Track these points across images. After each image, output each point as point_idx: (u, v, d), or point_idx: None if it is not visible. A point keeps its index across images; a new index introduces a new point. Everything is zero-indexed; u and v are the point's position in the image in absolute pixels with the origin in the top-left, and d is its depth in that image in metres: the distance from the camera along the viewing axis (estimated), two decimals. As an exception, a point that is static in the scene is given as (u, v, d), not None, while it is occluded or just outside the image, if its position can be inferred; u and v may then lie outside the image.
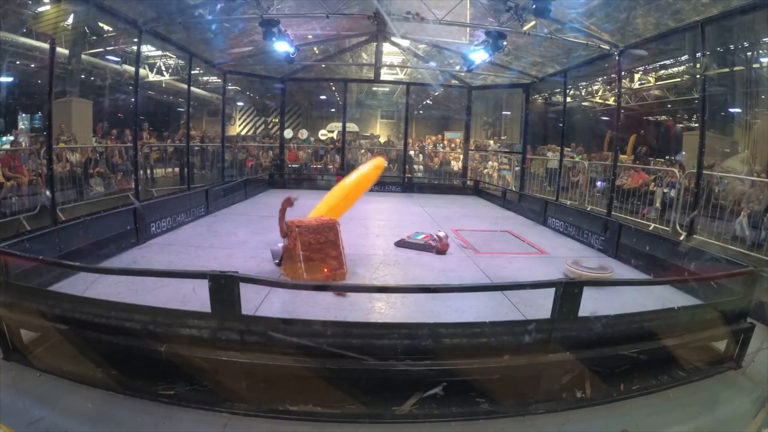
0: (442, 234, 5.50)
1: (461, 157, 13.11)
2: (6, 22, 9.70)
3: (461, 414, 2.30)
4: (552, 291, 2.46)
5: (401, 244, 5.61)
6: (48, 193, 5.49)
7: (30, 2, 9.99)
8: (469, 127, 13.64)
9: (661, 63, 12.56)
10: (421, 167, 14.53)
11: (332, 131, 18.41)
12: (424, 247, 5.40)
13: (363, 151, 15.31)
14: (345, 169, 12.27)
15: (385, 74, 13.62)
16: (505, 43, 7.38)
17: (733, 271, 3.33)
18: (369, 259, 5.03)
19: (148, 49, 13.24)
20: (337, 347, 2.25)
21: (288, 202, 4.32)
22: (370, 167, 5.30)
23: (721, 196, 7.27)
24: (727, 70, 10.43)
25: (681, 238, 6.10)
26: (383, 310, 3.58)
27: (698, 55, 8.05)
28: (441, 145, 16.58)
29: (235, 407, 2.26)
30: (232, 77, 12.73)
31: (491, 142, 18.18)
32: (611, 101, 14.59)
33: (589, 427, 2.31)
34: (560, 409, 2.39)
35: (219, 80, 12.97)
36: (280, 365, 2.26)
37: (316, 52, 11.15)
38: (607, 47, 7.36)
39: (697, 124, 12.00)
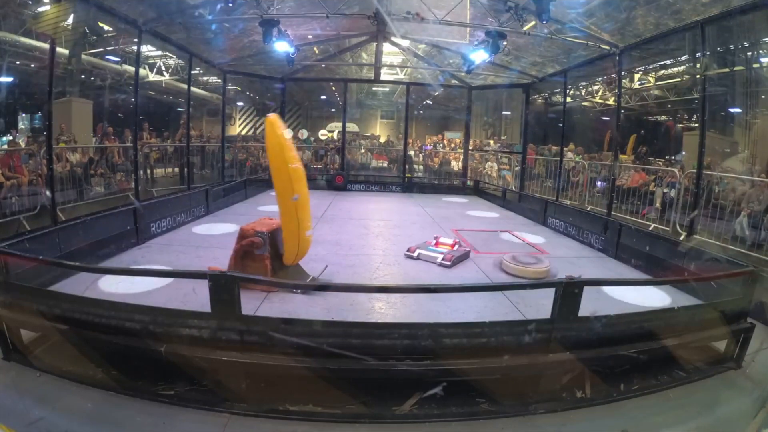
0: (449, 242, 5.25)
1: (461, 157, 13.11)
2: (6, 22, 9.70)
3: (461, 414, 2.30)
4: (552, 291, 2.46)
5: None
6: (48, 193, 5.49)
7: (30, 2, 9.98)
8: (469, 127, 13.64)
9: (661, 63, 12.56)
10: (421, 167, 14.54)
11: (332, 131, 18.42)
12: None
13: (363, 151, 15.33)
14: (345, 169, 12.29)
15: (385, 74, 13.63)
16: (505, 43, 7.38)
17: (733, 271, 3.33)
18: (369, 258, 5.03)
19: (148, 49, 13.24)
20: (337, 347, 2.25)
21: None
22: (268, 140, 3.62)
23: (721, 196, 7.27)
24: (727, 70, 10.42)
25: (681, 238, 6.10)
26: (383, 310, 3.58)
27: (698, 55, 8.05)
28: (441, 145, 16.60)
29: (235, 407, 2.26)
30: (232, 77, 12.73)
31: (491, 142, 18.19)
32: (611, 101, 14.59)
33: (589, 427, 2.31)
34: (560, 409, 2.39)
35: (219, 80, 12.97)
36: (280, 365, 2.26)
37: (316, 52, 11.15)
38: (607, 47, 7.36)
39: (697, 124, 12.01)
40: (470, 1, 7.26)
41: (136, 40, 7.68)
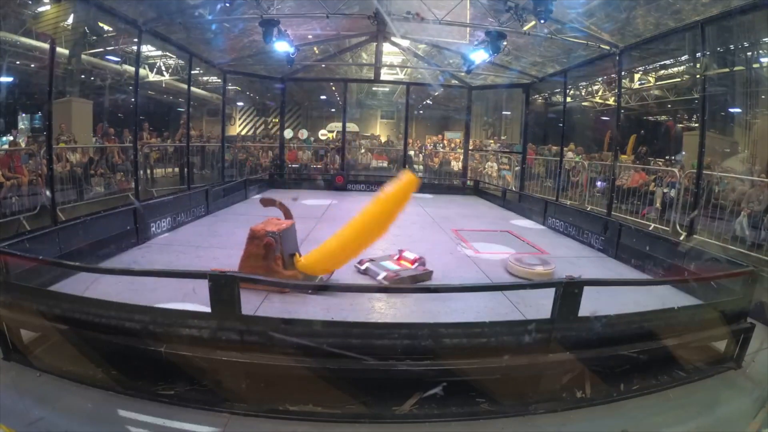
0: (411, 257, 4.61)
1: (461, 157, 13.11)
2: (6, 22, 9.70)
3: (461, 414, 2.30)
4: (552, 291, 2.46)
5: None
6: (48, 193, 5.49)
7: (30, 2, 9.98)
8: (469, 127, 13.64)
9: (661, 63, 12.56)
10: (421, 167, 14.54)
11: (332, 131, 18.42)
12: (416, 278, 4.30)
13: (363, 151, 15.33)
14: (345, 169, 12.29)
15: (385, 74, 13.63)
16: (505, 43, 7.38)
17: (733, 271, 3.33)
18: (369, 259, 5.02)
19: (148, 49, 13.24)
20: (337, 347, 2.25)
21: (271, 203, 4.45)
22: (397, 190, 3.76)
23: (721, 196, 7.26)
24: (727, 70, 10.42)
25: (681, 238, 6.10)
26: (383, 310, 3.58)
27: (698, 55, 8.05)
28: (441, 145, 16.60)
29: (235, 407, 2.26)
30: (232, 77, 12.74)
31: (491, 142, 18.19)
32: (611, 101, 14.59)
33: (589, 427, 2.31)
34: (560, 409, 2.39)
35: (219, 80, 12.97)
36: (280, 365, 2.26)
37: (316, 52, 11.16)
38: (607, 47, 7.36)
39: (697, 124, 12.00)
40: (470, 1, 7.26)
41: (136, 40, 7.68)
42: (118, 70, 13.12)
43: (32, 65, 11.20)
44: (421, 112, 20.55)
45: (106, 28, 11.58)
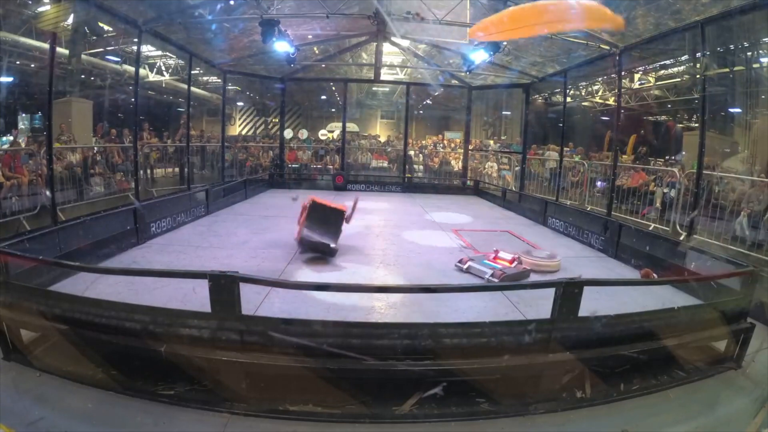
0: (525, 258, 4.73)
1: (461, 157, 13.11)
2: (6, 22, 9.69)
3: (461, 414, 2.30)
4: (552, 291, 2.46)
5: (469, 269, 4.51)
6: (48, 193, 5.49)
7: (30, 2, 9.98)
8: (469, 127, 13.63)
9: (661, 63, 12.55)
10: (421, 167, 14.53)
11: (332, 131, 18.41)
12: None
13: (363, 151, 15.32)
14: (345, 169, 12.29)
15: (385, 74, 13.62)
16: (505, 43, 7.38)
17: (733, 271, 3.33)
18: (369, 258, 5.03)
19: (148, 49, 13.22)
20: (337, 347, 2.25)
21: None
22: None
23: (721, 196, 7.26)
24: (727, 70, 10.41)
25: (681, 238, 6.09)
26: (383, 310, 3.57)
27: (698, 55, 8.04)
28: (441, 145, 16.59)
29: (235, 407, 2.26)
30: (232, 77, 12.73)
31: (491, 142, 18.17)
32: (611, 101, 14.59)
33: (589, 427, 2.31)
34: (560, 409, 2.39)
35: (219, 80, 12.96)
36: (280, 365, 2.26)
37: (316, 52, 11.15)
38: (607, 47, 7.36)
39: (697, 124, 12.00)
40: (470, 1, 7.26)
41: (136, 40, 7.67)
42: (118, 70, 13.10)
43: (32, 65, 11.19)
44: (421, 112, 20.53)
45: (106, 28, 11.56)
